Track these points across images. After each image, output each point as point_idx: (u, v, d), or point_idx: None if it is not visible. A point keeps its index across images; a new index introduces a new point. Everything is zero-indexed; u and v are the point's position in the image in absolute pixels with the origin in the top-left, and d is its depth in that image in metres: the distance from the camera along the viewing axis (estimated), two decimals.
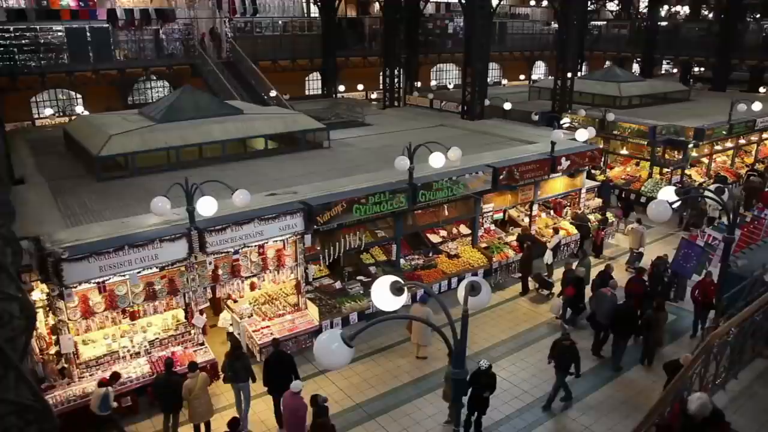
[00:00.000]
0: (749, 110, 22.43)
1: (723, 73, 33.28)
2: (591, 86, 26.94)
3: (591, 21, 42.33)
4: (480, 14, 22.34)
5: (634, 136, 22.55)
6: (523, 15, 48.13)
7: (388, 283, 5.48)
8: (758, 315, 7.95)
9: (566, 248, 17.48)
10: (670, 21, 41.85)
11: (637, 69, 39.15)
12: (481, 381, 9.91)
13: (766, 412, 7.39)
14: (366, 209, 13.23)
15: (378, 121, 22.48)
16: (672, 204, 8.75)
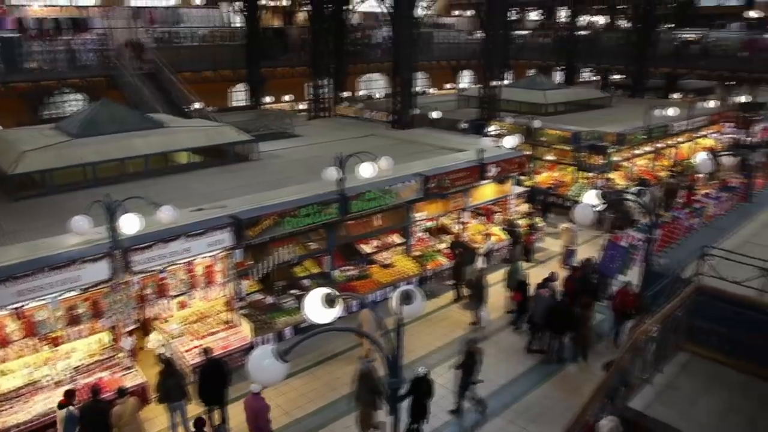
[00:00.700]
0: (665, 115, 23.69)
1: (640, 80, 34.95)
2: (516, 94, 27.67)
3: (515, 30, 43.51)
4: (406, 24, 22.60)
5: (558, 142, 23.30)
6: (448, 25, 48.99)
7: (320, 296, 5.45)
8: (679, 311, 8.32)
9: (498, 254, 17.83)
10: (590, 31, 43.55)
11: (560, 77, 40.51)
12: (422, 388, 9.97)
13: (690, 403, 7.71)
14: (297, 221, 13.10)
15: (307, 132, 22.34)
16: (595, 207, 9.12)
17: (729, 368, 8.24)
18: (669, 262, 10.11)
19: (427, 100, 32.82)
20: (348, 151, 13.60)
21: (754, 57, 32.69)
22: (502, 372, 12.61)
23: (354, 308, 14.48)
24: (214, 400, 10.60)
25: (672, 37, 36.77)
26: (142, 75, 24.91)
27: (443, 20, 49.82)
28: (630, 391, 7.81)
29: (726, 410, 7.35)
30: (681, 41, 36.02)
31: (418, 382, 9.98)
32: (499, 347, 13.68)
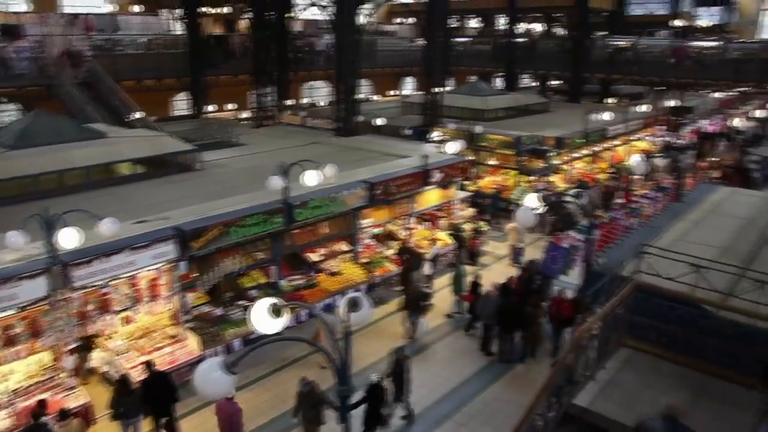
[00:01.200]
0: (601, 120, 24.57)
1: (576, 86, 36.11)
2: (458, 100, 28.06)
3: (455, 38, 44.24)
4: (348, 31, 22.68)
5: (500, 146, 23.78)
6: (390, 32, 49.39)
7: (266, 306, 5.43)
8: (619, 308, 8.62)
9: (444, 258, 18.04)
10: (528, 38, 44.69)
11: (500, 83, 41.38)
12: (377, 395, 10.03)
13: (631, 397, 7.99)
14: (242, 231, 12.95)
15: (251, 140, 22.12)
16: (536, 210, 9.40)
17: (667, 361, 8.58)
18: (608, 261, 10.45)
19: (371, 107, 32.96)
20: (292, 160, 13.54)
21: (681, 63, 34.28)
22: (453, 374, 12.78)
23: (303, 318, 14.41)
24: (161, 413, 10.38)
25: (605, 44, 38.16)
26: (81, 84, 24.15)
27: (385, 28, 50.21)
28: (575, 388, 8.03)
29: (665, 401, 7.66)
30: (614, 48, 37.39)
31: (372, 390, 10.01)
32: (451, 349, 13.88)
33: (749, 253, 10.66)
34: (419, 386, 12.26)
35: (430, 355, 13.64)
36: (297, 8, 33.03)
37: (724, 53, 33.83)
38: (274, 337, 5.74)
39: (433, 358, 13.56)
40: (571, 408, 7.91)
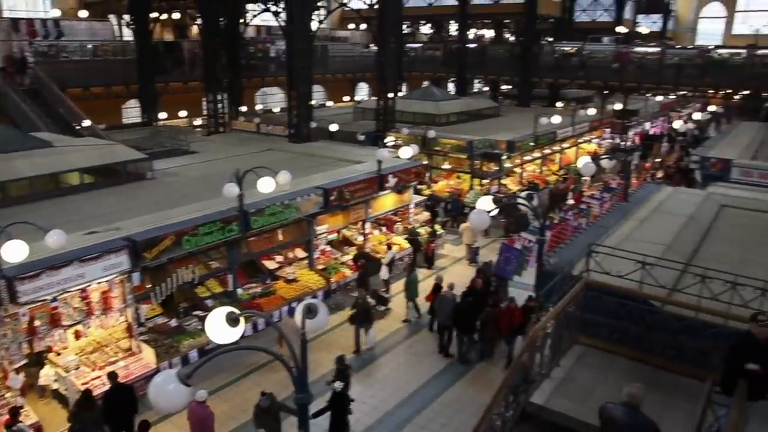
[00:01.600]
0: (550, 123, 25.17)
1: (526, 90, 36.93)
2: (411, 105, 28.36)
3: (407, 43, 44.63)
4: (300, 37, 22.66)
5: (454, 151, 24.12)
6: (343, 38, 49.48)
7: (222, 315, 5.39)
8: (571, 307, 8.82)
9: (401, 262, 18.16)
10: (478, 44, 45.41)
11: (452, 88, 41.91)
12: (343, 402, 10.16)
13: (585, 392, 8.17)
14: (197, 240, 12.78)
15: (204, 148, 21.85)
16: (489, 212, 9.58)
17: (619, 356, 8.83)
18: (559, 261, 10.67)
19: (325, 113, 32.97)
20: (247, 167, 13.46)
21: (624, 68, 35.43)
22: (412, 378, 12.87)
23: (261, 326, 14.30)
24: (123, 427, 10.17)
25: (553, 50, 39.12)
26: (25, 92, 23.42)
27: (338, 34, 50.26)
28: (531, 387, 8.19)
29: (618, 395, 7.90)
30: (561, 54, 38.35)
31: (337, 398, 10.07)
32: (410, 353, 13.99)
33: (691, 249, 11.09)
34: (379, 391, 12.34)
35: (389, 359, 13.72)
36: (249, 14, 32.79)
37: (664, 58, 35.10)
38: (231, 346, 5.71)
39: (393, 362, 13.64)
40: (528, 406, 8.05)
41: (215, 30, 26.68)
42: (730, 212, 13.95)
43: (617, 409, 6.41)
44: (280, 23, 26.18)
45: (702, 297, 8.19)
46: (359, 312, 13.79)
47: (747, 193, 15.70)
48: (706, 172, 18.75)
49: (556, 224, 15.92)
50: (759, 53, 33.11)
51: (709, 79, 33.76)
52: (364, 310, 13.87)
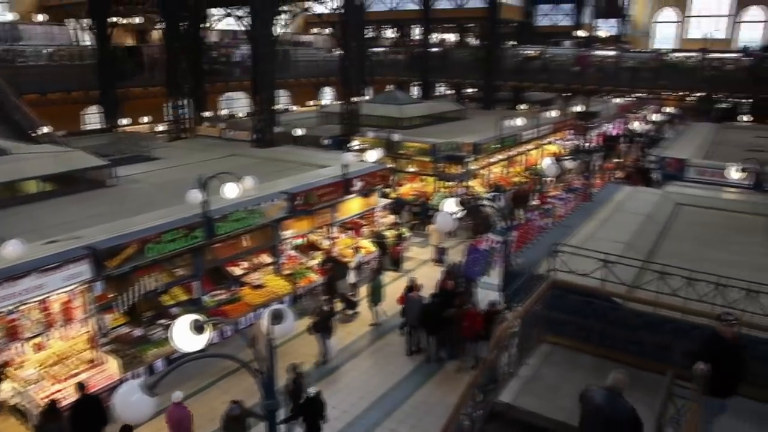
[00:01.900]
0: (514, 125, 25.53)
1: (490, 93, 37.37)
2: (376, 109, 28.40)
3: (371, 48, 44.74)
4: (264, 42, 22.56)
5: (419, 154, 24.24)
6: (307, 43, 49.34)
7: (187, 323, 5.35)
8: (537, 306, 8.97)
9: (368, 266, 18.17)
10: (441, 48, 45.78)
11: (416, 91, 42.15)
12: (315, 408, 10.16)
13: (551, 389, 8.32)
14: (160, 248, 12.60)
15: (167, 154, 21.55)
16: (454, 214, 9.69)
17: (585, 354, 9.01)
18: (525, 260, 10.85)
19: (290, 117, 32.84)
20: (211, 172, 13.30)
21: (585, 71, 36.16)
22: (381, 381, 12.90)
23: (227, 333, 14.15)
24: None
25: (515, 53, 39.70)
26: None
27: (302, 38, 50.11)
28: (499, 385, 8.30)
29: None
30: (523, 57, 38.93)
31: (310, 403, 10.10)
32: (379, 356, 14.02)
33: (650, 247, 11.39)
34: (348, 395, 12.34)
35: (358, 363, 13.73)
36: (212, 19, 32.47)
37: (621, 62, 35.93)
38: (196, 354, 5.66)
39: (362, 365, 13.66)
40: (496, 405, 8.15)
41: (177, 34, 26.34)
42: (686, 210, 14.37)
43: (599, 393, 6.56)
44: (243, 28, 26.01)
45: (661, 293, 8.42)
46: (320, 321, 13.62)
47: (701, 192, 16.19)
48: (662, 172, 19.24)
49: (522, 225, 16.17)
50: (710, 57, 34.16)
51: (663, 82, 34.68)
52: (325, 319, 13.68)
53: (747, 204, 14.96)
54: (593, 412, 6.54)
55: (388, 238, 19.11)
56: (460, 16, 44.32)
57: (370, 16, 43.96)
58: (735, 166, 15.29)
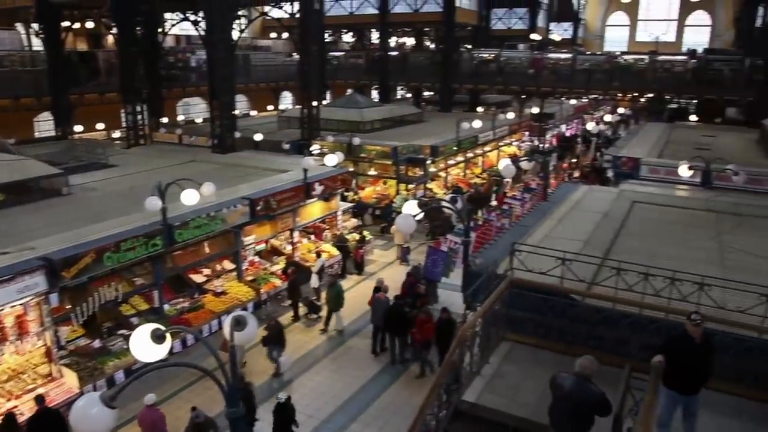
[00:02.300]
0: (472, 128, 25.85)
1: (447, 96, 37.77)
2: (335, 113, 28.47)
3: (330, 52, 44.74)
4: (221, 47, 22.35)
5: (379, 157, 24.35)
6: (265, 47, 49.04)
7: (147, 333, 5.28)
8: (497, 305, 9.10)
9: (331, 270, 18.15)
10: (400, 51, 46.04)
11: (376, 95, 42.28)
12: (286, 413, 10.25)
13: (512, 387, 8.45)
14: (119, 257, 12.38)
15: (124, 161, 21.16)
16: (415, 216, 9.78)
17: (545, 350, 9.17)
18: (485, 261, 10.97)
19: (249, 122, 32.60)
20: (169, 179, 13.15)
21: (540, 74, 36.86)
22: (347, 384, 12.89)
23: (190, 342, 13.97)
24: None
25: (472, 56, 40.20)
26: None
27: (260, 43, 49.77)
28: (462, 385, 8.39)
29: (545, 387, 8.19)
30: (479, 60, 39.44)
31: (281, 409, 10.18)
32: (345, 359, 14.02)
33: (607, 244, 11.67)
34: (314, 399, 12.31)
35: (322, 367, 13.70)
36: (167, 23, 32.00)
37: (575, 64, 36.75)
38: (158, 364, 5.60)
39: (326, 369, 13.63)
40: (460, 404, 8.24)
41: (132, 39, 25.92)
42: (641, 207, 14.77)
43: (568, 379, 6.67)
44: (199, 32, 25.72)
45: (618, 288, 8.63)
46: (272, 334, 13.37)
47: (655, 189, 16.65)
48: (617, 171, 19.71)
49: (480, 225, 16.34)
50: (659, 59, 35.24)
51: (616, 83, 35.61)
52: (278, 332, 13.41)
53: (697, 201, 15.46)
54: (563, 397, 6.67)
55: (350, 242, 19.13)
56: (417, 21, 44.64)
57: (329, 20, 43.95)
58: (686, 164, 15.79)
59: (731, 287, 8.08)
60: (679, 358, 6.83)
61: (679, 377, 6.90)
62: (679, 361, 6.84)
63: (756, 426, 7.34)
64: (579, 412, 6.51)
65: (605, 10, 66.00)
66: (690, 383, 6.92)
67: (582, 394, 6.49)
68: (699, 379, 6.95)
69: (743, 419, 7.37)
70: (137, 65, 26.23)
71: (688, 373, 6.86)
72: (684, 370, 6.87)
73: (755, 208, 14.58)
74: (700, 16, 62.07)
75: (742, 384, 7.74)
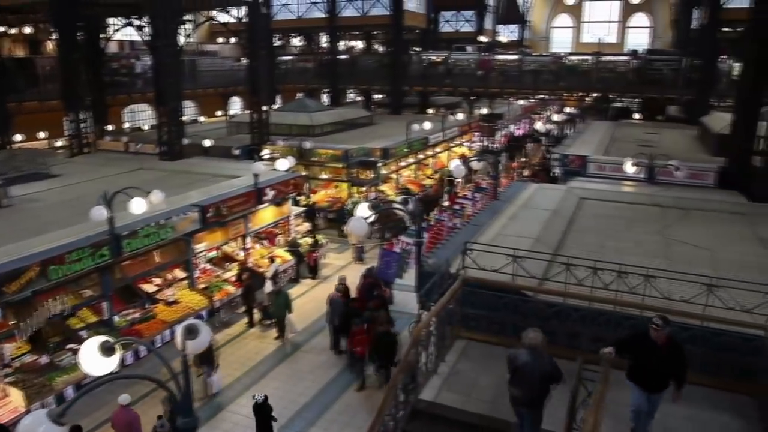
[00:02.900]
0: (422, 129, 26.07)
1: (397, 98, 38.00)
2: (286, 117, 28.29)
3: (279, 56, 44.48)
4: (167, 52, 21.94)
5: (330, 160, 24.30)
6: (212, 52, 48.39)
7: (95, 346, 5.15)
8: (451, 303, 9.20)
9: (285, 275, 18.02)
10: (349, 55, 46.08)
11: (326, 99, 42.21)
12: (265, 411, 10.55)
13: (469, 384, 8.55)
14: (65, 269, 11.99)
15: (67, 170, 20.51)
16: (367, 219, 9.80)
17: (499, 346, 9.30)
18: (437, 260, 11.07)
19: (198, 128, 32.15)
20: (116, 188, 12.83)
21: (488, 75, 37.47)
22: (305, 389, 12.80)
23: (142, 353, 13.64)
24: None
25: (420, 59, 40.58)
26: None
27: (207, 47, 49.10)
28: (419, 384, 8.45)
29: (500, 383, 8.33)
30: (428, 63, 39.84)
31: (259, 408, 10.52)
32: (304, 362, 13.96)
33: (557, 241, 11.95)
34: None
35: (280, 372, 13.54)
36: (110, 28, 31.21)
37: (523, 65, 37.50)
38: (109, 377, 5.47)
39: (283, 374, 13.47)
40: (418, 404, 8.30)
41: (73, 45, 25.15)
42: (589, 204, 15.18)
43: (522, 353, 7.01)
44: (144, 38, 25.22)
45: (568, 283, 8.85)
46: (203, 352, 13.10)
47: (602, 186, 17.14)
48: (566, 169, 20.17)
49: (433, 226, 16.50)
50: (603, 59, 36.32)
51: (563, 83, 36.52)
52: (208, 350, 12.55)
53: (642, 196, 15.99)
54: (521, 368, 7.03)
55: (303, 246, 19.03)
56: (365, 24, 44.84)
57: (277, 24, 43.77)
58: (630, 161, 16.30)
59: (675, 278, 8.39)
60: (640, 357, 7.04)
61: (641, 375, 7.10)
62: (640, 359, 7.06)
63: (700, 411, 7.63)
64: (536, 379, 6.91)
65: (550, 13, 67.54)
66: (651, 382, 7.07)
67: (537, 363, 6.88)
68: (660, 380, 7.06)
69: (691, 406, 7.63)
70: (79, 72, 25.48)
71: (649, 372, 7.04)
72: (645, 369, 7.05)
73: (696, 202, 15.20)
74: (640, 19, 64.15)
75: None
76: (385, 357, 12.10)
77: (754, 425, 7.54)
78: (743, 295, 8.03)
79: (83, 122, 25.39)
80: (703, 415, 7.63)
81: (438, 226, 15.62)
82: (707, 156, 20.28)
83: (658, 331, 6.86)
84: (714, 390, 8.00)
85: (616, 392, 7.15)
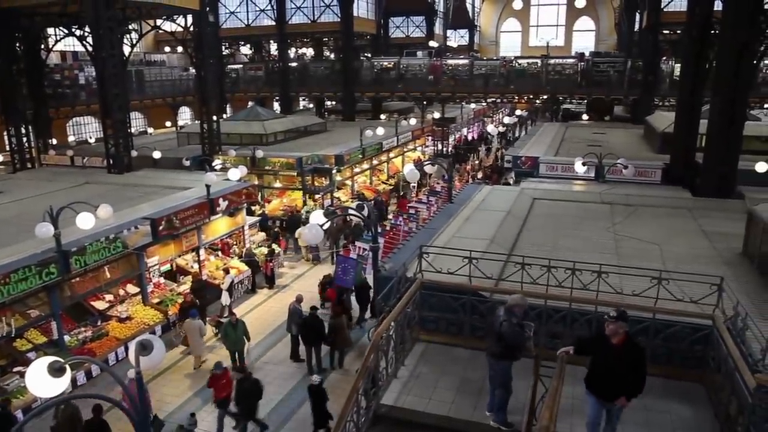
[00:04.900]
0: (375, 135, 26.12)
1: (349, 104, 38.01)
2: (237, 127, 28.02)
3: (228, 65, 43.97)
4: (111, 62, 21.42)
5: (284, 168, 24.12)
6: (159, 62, 47.52)
7: (43, 367, 4.96)
8: (409, 307, 9.20)
9: (241, 286, 17.78)
10: (299, 62, 45.88)
11: (277, 107, 41.91)
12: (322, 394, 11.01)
13: (430, 386, 8.56)
14: (9, 289, 11.56)
15: (9, 187, 19.83)
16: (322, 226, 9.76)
17: (458, 347, 9.37)
18: (394, 265, 11.07)
19: (147, 140, 31.51)
20: (62, 203, 12.47)
21: (438, 79, 37.85)
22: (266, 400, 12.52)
23: (95, 372, 13.22)
24: None
25: (372, 64, 40.71)
26: None
27: (154, 57, 48.19)
28: (380, 389, 8.43)
29: (461, 383, 8.38)
30: (380, 68, 40.00)
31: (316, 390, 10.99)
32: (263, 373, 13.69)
33: (511, 241, 12.11)
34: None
35: None
36: (51, 39, 30.29)
37: (473, 69, 38.00)
38: (60, 398, 5.28)
39: None
40: (379, 408, 8.27)
41: (12, 56, 24.34)
42: (541, 204, 15.45)
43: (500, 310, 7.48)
44: (87, 48, 24.57)
45: (524, 282, 8.96)
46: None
47: (554, 186, 17.48)
48: (518, 170, 20.51)
49: (388, 230, 16.52)
50: (551, 62, 37.12)
51: (513, 86, 37.15)
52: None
53: (592, 194, 16.38)
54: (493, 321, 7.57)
55: (258, 256, 18.80)
56: (315, 31, 44.73)
57: (225, 32, 43.26)
58: (580, 161, 16.67)
59: (626, 273, 8.59)
60: (598, 356, 6.70)
61: (597, 381, 6.71)
62: (597, 359, 6.70)
63: (653, 400, 7.80)
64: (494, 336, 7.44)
65: (499, 17, 68.78)
66: (607, 389, 6.62)
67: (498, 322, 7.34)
68: (616, 385, 6.52)
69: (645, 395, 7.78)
70: (19, 84, 24.66)
71: (605, 377, 6.60)
72: (599, 373, 6.67)
73: (643, 198, 15.65)
74: (586, 22, 65.97)
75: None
76: (245, 406, 11.34)
77: (705, 411, 7.76)
78: (691, 287, 8.29)
79: (25, 136, 24.59)
80: (657, 404, 7.81)
81: (394, 231, 15.63)
82: (652, 154, 20.93)
83: (613, 324, 6.46)
84: (666, 379, 8.21)
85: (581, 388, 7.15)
